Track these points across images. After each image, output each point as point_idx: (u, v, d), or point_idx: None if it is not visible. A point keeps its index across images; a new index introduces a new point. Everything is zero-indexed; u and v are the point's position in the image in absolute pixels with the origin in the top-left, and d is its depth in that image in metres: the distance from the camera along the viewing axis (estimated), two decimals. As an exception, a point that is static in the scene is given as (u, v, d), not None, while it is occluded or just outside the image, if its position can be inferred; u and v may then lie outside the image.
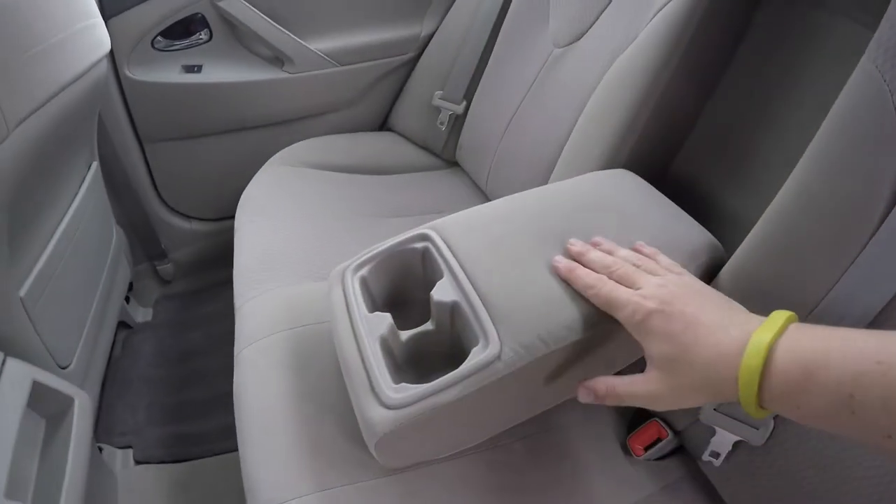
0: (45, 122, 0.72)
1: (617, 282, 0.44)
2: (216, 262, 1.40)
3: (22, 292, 0.74)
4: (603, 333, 0.47)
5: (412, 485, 0.55)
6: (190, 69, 1.15)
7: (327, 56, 1.19)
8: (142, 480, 0.96)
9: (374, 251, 0.55)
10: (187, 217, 1.36)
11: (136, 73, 1.13)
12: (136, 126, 1.19)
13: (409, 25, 1.25)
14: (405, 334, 0.50)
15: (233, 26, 1.15)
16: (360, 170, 1.13)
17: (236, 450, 0.97)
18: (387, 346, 0.49)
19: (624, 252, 0.48)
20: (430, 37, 1.25)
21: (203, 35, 1.17)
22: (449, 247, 0.52)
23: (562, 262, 0.48)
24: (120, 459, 0.99)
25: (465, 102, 1.12)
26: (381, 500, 0.53)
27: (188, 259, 1.40)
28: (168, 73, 1.15)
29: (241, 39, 1.18)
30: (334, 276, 0.55)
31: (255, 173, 1.09)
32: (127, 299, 1.25)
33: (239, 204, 1.00)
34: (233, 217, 0.97)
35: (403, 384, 0.44)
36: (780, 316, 0.36)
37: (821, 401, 0.32)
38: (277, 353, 0.67)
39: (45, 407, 0.71)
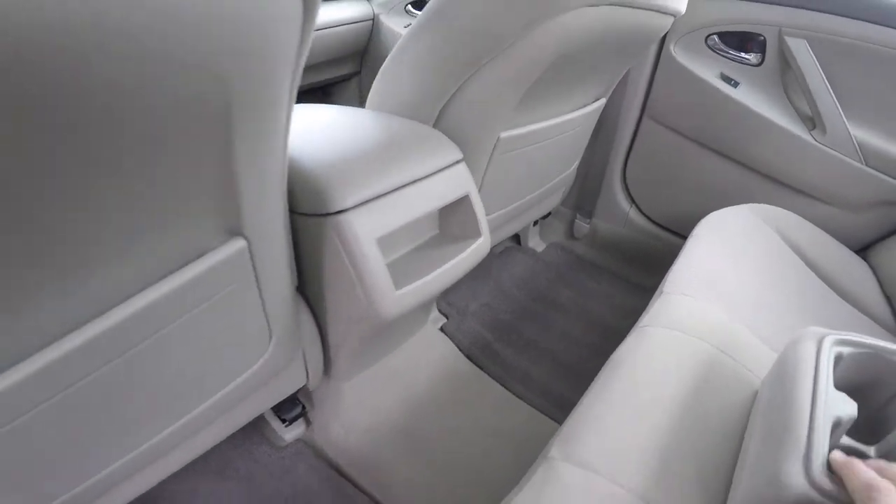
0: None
1: None
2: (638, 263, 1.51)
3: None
4: None
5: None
6: (727, 80, 1.16)
7: (858, 146, 1.09)
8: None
9: (865, 340, 0.53)
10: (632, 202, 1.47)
11: (678, 54, 1.19)
12: (647, 98, 1.27)
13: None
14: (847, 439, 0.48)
15: (786, 65, 1.12)
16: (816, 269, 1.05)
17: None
18: (836, 432, 0.47)
19: None
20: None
21: (754, 57, 1.16)
22: None
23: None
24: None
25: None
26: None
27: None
28: (705, 70, 1.18)
29: (785, 81, 1.14)
30: (810, 334, 0.55)
31: (718, 200, 1.10)
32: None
33: (703, 220, 1.00)
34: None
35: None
36: None
37: None
38: (665, 346, 0.69)
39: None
